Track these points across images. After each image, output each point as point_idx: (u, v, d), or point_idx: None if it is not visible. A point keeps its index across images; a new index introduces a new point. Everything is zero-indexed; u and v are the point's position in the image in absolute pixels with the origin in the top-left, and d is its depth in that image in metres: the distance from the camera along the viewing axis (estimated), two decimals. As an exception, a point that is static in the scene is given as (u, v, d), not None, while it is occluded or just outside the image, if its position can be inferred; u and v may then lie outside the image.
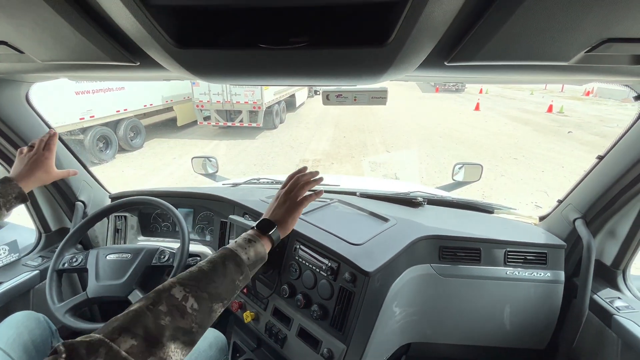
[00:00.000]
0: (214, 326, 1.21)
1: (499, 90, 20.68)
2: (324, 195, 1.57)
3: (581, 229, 1.12)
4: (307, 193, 0.89)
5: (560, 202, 1.27)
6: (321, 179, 0.94)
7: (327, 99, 1.06)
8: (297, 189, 0.87)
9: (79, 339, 0.48)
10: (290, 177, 0.92)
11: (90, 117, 6.84)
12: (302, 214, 1.27)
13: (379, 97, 1.03)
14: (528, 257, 1.18)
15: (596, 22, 0.45)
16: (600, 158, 1.08)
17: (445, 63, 0.61)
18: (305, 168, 0.96)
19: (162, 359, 0.51)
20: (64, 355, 0.45)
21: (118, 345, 0.48)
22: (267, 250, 0.78)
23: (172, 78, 0.98)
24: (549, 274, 1.17)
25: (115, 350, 0.48)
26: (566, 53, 0.54)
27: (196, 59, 0.57)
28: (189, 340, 0.56)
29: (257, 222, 0.82)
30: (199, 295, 0.59)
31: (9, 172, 1.30)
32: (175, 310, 0.56)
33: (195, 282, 0.61)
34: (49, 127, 1.30)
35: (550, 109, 12.52)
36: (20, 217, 1.43)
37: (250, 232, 0.79)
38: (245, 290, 1.27)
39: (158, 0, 0.43)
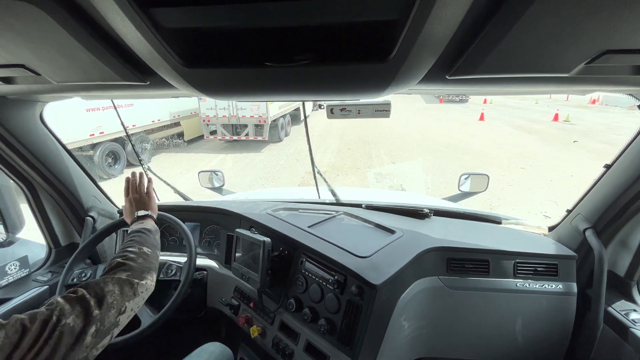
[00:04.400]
0: (221, 341, 1.21)
1: (503, 100, 20.68)
2: (330, 207, 1.57)
3: (592, 239, 1.09)
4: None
5: (569, 212, 1.25)
6: (141, 174, 1.19)
7: (332, 112, 1.08)
8: (138, 186, 1.14)
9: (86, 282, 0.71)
10: (127, 185, 1.15)
11: (100, 133, 7.00)
12: (308, 227, 1.27)
13: (383, 110, 1.04)
14: (538, 269, 1.16)
15: (595, 35, 0.46)
16: (608, 167, 1.07)
17: (447, 77, 0.62)
18: (133, 173, 1.18)
19: (150, 279, 0.80)
20: (80, 287, 0.67)
21: (118, 275, 0.74)
22: (154, 224, 1.05)
23: (181, 95, 1.01)
24: (560, 286, 1.15)
25: (118, 277, 0.73)
26: (566, 65, 0.54)
27: (204, 78, 0.59)
28: (155, 272, 0.85)
29: (134, 218, 1.06)
30: (146, 246, 0.89)
31: (21, 188, 1.34)
32: (141, 256, 0.83)
33: (137, 242, 0.89)
34: (62, 145, 1.34)
35: (556, 118, 12.46)
36: (31, 232, 1.46)
37: (135, 223, 1.03)
38: (251, 305, 1.27)
39: (168, 23, 0.46)
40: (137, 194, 1.12)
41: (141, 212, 1.06)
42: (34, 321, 0.56)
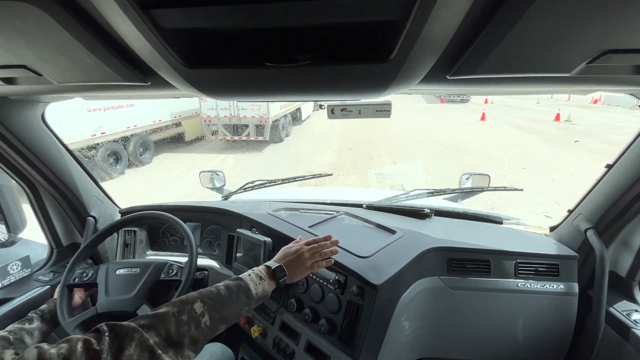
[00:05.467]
0: (222, 341, 1.21)
1: (504, 100, 20.63)
2: (330, 207, 1.57)
3: (593, 239, 1.09)
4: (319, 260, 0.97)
5: (570, 212, 1.25)
6: (337, 251, 1.00)
7: (332, 112, 1.07)
8: (317, 255, 0.95)
9: (117, 323, 0.60)
10: (315, 241, 0.99)
11: (102, 133, 7.03)
12: (309, 227, 1.27)
13: (383, 110, 1.04)
14: (539, 269, 1.16)
15: (596, 34, 0.46)
16: (610, 167, 1.07)
17: (447, 77, 0.62)
18: (329, 236, 1.02)
19: (171, 357, 0.62)
20: (107, 334, 0.57)
21: (150, 333, 0.60)
22: (271, 291, 0.86)
23: (182, 96, 1.01)
24: (562, 286, 1.14)
25: (146, 338, 0.59)
26: (567, 65, 0.54)
27: (205, 78, 0.59)
28: (195, 349, 0.67)
29: (274, 265, 0.89)
30: (213, 315, 0.70)
31: (24, 189, 1.34)
32: (193, 322, 0.67)
33: (213, 302, 0.72)
34: (64, 145, 1.34)
35: (557, 118, 12.41)
36: (32, 232, 1.46)
37: (263, 269, 0.87)
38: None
39: (168, 23, 0.46)
40: (309, 256, 0.93)
41: (281, 275, 0.88)
42: None
